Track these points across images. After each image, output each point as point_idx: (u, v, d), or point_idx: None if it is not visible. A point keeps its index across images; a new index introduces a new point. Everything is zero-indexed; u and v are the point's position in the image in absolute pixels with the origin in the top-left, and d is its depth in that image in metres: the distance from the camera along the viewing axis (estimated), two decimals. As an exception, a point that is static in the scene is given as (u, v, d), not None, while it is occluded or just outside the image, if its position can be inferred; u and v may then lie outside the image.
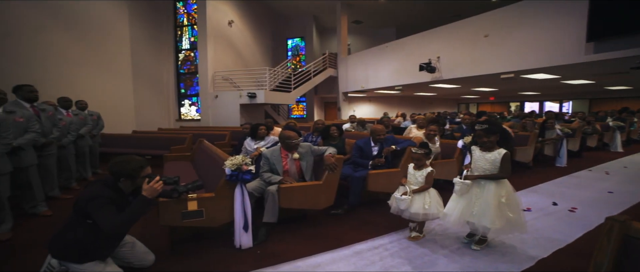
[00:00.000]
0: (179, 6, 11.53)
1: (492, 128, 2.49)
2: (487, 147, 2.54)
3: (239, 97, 9.80)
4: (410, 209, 2.70)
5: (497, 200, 2.45)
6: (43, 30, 7.66)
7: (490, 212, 2.42)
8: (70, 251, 1.99)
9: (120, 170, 2.06)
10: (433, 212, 2.71)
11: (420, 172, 2.81)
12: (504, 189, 2.49)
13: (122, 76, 9.59)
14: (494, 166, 2.48)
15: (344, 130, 5.32)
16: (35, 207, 3.58)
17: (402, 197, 2.71)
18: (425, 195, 2.74)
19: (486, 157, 2.53)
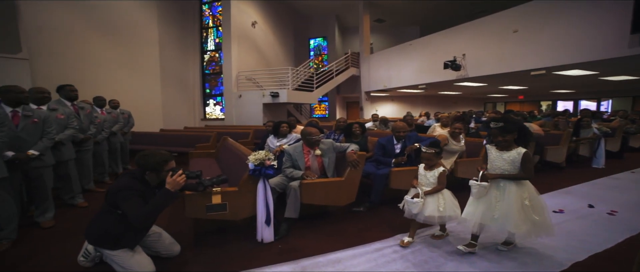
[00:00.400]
0: (205, 9, 11.87)
1: (508, 126, 2.30)
2: (503, 146, 2.36)
3: (262, 97, 9.95)
4: (424, 212, 2.55)
5: (519, 202, 2.28)
6: (81, 34, 8.16)
7: (514, 215, 2.24)
8: (103, 238, 2.11)
9: (145, 163, 2.15)
10: (448, 214, 2.56)
11: (431, 172, 2.66)
12: (526, 191, 2.31)
13: (150, 77, 10.00)
14: (514, 166, 2.30)
15: (367, 129, 5.28)
16: (73, 199, 3.80)
17: (413, 200, 2.55)
18: (438, 196, 2.58)
19: (504, 157, 2.34)
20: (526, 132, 2.36)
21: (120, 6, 9.04)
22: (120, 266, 2.14)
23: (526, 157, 2.27)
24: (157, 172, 2.18)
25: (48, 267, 2.38)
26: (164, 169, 2.17)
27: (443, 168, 2.65)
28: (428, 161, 2.69)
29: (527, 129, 2.39)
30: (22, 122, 2.94)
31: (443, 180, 2.62)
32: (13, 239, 2.75)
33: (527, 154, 2.27)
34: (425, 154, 2.68)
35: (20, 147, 2.89)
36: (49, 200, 3.24)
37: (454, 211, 2.57)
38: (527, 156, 2.27)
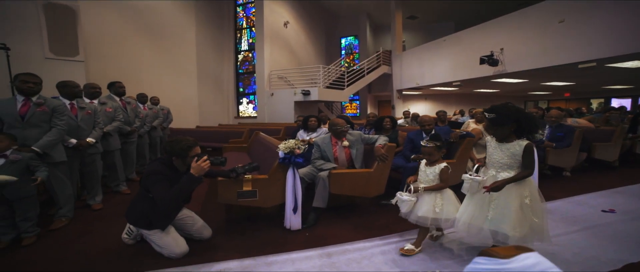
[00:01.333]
0: (239, 10, 12.30)
1: (500, 118, 2.03)
2: (501, 138, 2.11)
3: (294, 95, 10.12)
4: (418, 211, 2.28)
5: (518, 200, 1.99)
6: (128, 38, 8.85)
7: (511, 216, 1.96)
8: (138, 219, 2.32)
9: (171, 149, 2.30)
10: (445, 216, 2.25)
11: (431, 168, 2.39)
12: (527, 188, 2.03)
13: (188, 76, 10.55)
14: (514, 159, 2.04)
15: (398, 125, 5.21)
16: (118, 186, 4.12)
17: (404, 197, 2.27)
18: (436, 196, 2.30)
19: (502, 149, 2.08)
20: (529, 122, 2.02)
21: (162, 10, 9.63)
22: (156, 244, 2.32)
23: (528, 150, 2.00)
24: (183, 158, 2.30)
25: (99, 243, 2.61)
26: (188, 154, 2.29)
27: (445, 164, 2.38)
28: (429, 155, 2.42)
29: (531, 118, 2.04)
30: (79, 113, 3.26)
31: (445, 177, 2.35)
32: (70, 217, 3.06)
33: (529, 147, 2.00)
34: (426, 148, 2.42)
35: (79, 135, 3.22)
36: (99, 185, 3.56)
37: (452, 214, 2.26)
38: (529, 149, 2.00)
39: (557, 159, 4.55)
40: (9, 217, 2.52)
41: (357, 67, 12.68)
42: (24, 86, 2.73)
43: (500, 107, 2.05)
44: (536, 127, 2.04)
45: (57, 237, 2.72)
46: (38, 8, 6.20)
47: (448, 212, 2.26)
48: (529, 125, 2.03)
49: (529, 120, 2.03)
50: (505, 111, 2.03)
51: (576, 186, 4.20)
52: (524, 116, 2.02)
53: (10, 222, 2.54)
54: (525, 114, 2.03)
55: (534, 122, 2.04)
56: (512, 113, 2.02)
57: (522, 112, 2.04)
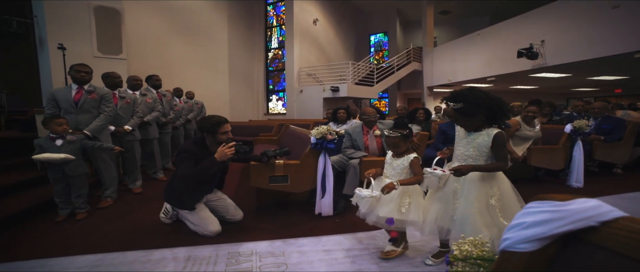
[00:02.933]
0: (269, 9, 12.56)
1: (469, 108, 1.69)
2: (469, 127, 1.79)
3: (322, 92, 10.19)
4: (379, 212, 1.91)
5: (483, 201, 1.69)
6: (165, 37, 9.33)
7: (474, 218, 1.65)
8: (171, 197, 2.47)
9: (202, 125, 2.42)
10: (411, 218, 1.89)
11: (399, 160, 2.05)
12: (495, 186, 1.71)
13: (220, 73, 10.92)
14: (480, 151, 1.72)
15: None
16: (155, 173, 4.37)
17: (363, 194, 1.89)
18: (402, 194, 1.94)
19: (468, 139, 1.77)
20: (501, 107, 1.71)
21: (196, 10, 10.07)
22: (191, 222, 2.47)
23: (498, 140, 1.68)
24: (213, 134, 2.39)
25: (140, 221, 2.80)
26: (218, 130, 2.37)
27: (415, 155, 2.05)
28: (394, 147, 2.07)
29: (502, 103, 1.72)
30: (119, 102, 3.50)
31: (418, 169, 1.98)
32: (114, 198, 3.29)
33: (499, 137, 1.69)
34: (390, 138, 2.06)
35: (118, 123, 3.45)
36: (138, 170, 3.80)
37: (418, 216, 1.89)
38: (499, 139, 1.69)
39: (606, 154, 4.20)
40: (66, 194, 2.77)
41: (386, 64, 12.51)
42: (77, 75, 2.98)
43: (467, 94, 1.70)
44: (508, 112, 1.75)
45: (103, 215, 2.94)
46: (90, 11, 6.70)
47: (415, 213, 1.90)
48: (501, 111, 1.71)
49: (501, 106, 1.71)
50: (474, 99, 1.68)
51: (628, 182, 3.89)
52: (495, 102, 1.70)
53: (67, 199, 2.79)
54: (496, 98, 1.72)
55: (505, 107, 1.73)
56: (482, 100, 1.68)
57: (492, 98, 1.72)
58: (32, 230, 2.57)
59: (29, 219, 2.76)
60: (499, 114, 1.71)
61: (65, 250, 2.19)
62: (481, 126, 1.74)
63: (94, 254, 2.14)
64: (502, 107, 1.71)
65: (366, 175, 1.99)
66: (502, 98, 1.73)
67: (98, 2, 6.85)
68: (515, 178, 1.97)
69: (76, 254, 2.12)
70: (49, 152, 2.56)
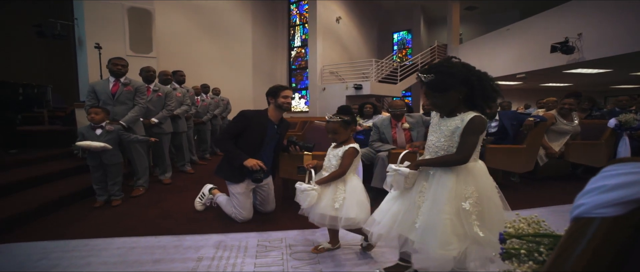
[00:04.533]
0: (293, 8, 12.66)
1: (443, 80, 1.34)
2: (444, 110, 1.44)
3: (345, 89, 10.15)
4: (316, 209, 1.76)
5: (453, 204, 1.33)
6: (193, 36, 9.63)
7: (443, 225, 1.30)
8: (221, 167, 2.55)
9: (268, 91, 2.56)
10: (346, 214, 1.70)
11: (336, 150, 1.85)
12: (472, 185, 1.35)
13: (244, 71, 11.11)
14: (453, 140, 1.38)
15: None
16: (183, 166, 4.49)
17: (302, 187, 1.74)
18: (336, 187, 1.77)
19: (441, 126, 1.43)
20: (484, 84, 1.35)
21: (222, 10, 10.30)
22: (228, 203, 2.55)
23: (471, 126, 1.32)
24: (275, 97, 2.47)
25: (170, 209, 2.89)
26: (280, 94, 2.46)
27: (353, 145, 1.84)
28: (333, 133, 1.84)
29: (487, 79, 1.37)
30: (152, 95, 3.62)
31: (347, 162, 1.78)
32: (146, 188, 3.41)
33: (474, 121, 1.33)
34: (330, 124, 1.84)
35: (147, 115, 3.57)
36: (167, 162, 3.90)
37: (355, 212, 1.70)
38: (473, 124, 1.33)
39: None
40: (103, 181, 2.90)
41: (410, 62, 12.30)
42: (114, 68, 3.12)
43: (441, 65, 1.38)
44: (495, 93, 1.39)
45: (136, 202, 3.05)
46: (124, 11, 7.00)
47: (349, 210, 1.70)
48: (484, 89, 1.35)
49: (485, 82, 1.36)
50: (449, 69, 1.35)
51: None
52: (475, 75, 1.35)
53: (104, 186, 2.92)
54: (478, 72, 1.38)
55: (491, 86, 1.37)
56: (458, 71, 1.35)
57: (473, 70, 1.37)
58: (73, 213, 2.71)
59: (70, 204, 2.91)
60: (479, 91, 1.34)
61: (104, 232, 2.29)
62: (458, 108, 1.39)
63: (130, 237, 2.22)
64: (484, 82, 1.35)
65: (307, 166, 1.87)
66: (533, 96, 1.52)
67: (131, 3, 7.13)
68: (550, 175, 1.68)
69: (114, 237, 2.21)
70: (89, 140, 2.68)
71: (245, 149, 2.38)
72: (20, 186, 2.89)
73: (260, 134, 2.44)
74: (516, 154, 3.23)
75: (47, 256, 1.89)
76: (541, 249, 0.73)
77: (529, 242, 0.76)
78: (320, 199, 1.75)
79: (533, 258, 0.73)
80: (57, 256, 1.89)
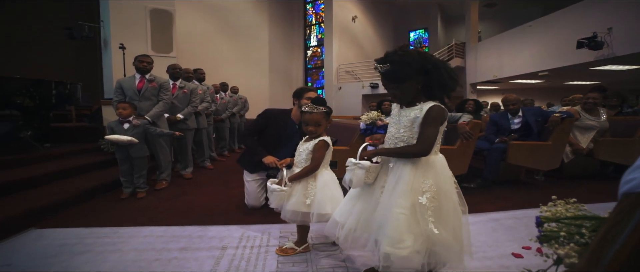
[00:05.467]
0: (309, 8, 12.73)
1: (399, 70, 1.29)
2: (403, 101, 1.39)
3: (361, 88, 10.13)
4: (287, 206, 1.70)
5: (408, 198, 1.25)
6: (211, 37, 9.88)
7: (396, 219, 1.23)
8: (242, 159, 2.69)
9: (294, 92, 2.59)
10: (318, 210, 1.63)
11: (305, 145, 1.76)
12: (430, 179, 1.28)
13: (260, 71, 11.28)
14: (411, 131, 1.33)
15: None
16: (203, 162, 4.58)
17: (272, 187, 1.67)
18: (307, 183, 1.69)
19: (401, 118, 1.37)
20: (442, 72, 1.29)
21: (239, 10, 10.49)
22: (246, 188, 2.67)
23: (429, 115, 1.27)
24: (298, 99, 2.52)
25: (191, 201, 2.96)
26: (303, 96, 2.49)
27: (325, 138, 1.75)
28: (316, 125, 1.73)
29: (445, 67, 1.31)
30: (178, 91, 3.72)
31: (318, 156, 1.70)
32: (169, 181, 3.50)
33: (433, 110, 1.28)
34: (313, 115, 1.71)
35: (172, 111, 3.67)
36: (189, 158, 4.00)
37: (329, 207, 1.62)
38: (432, 114, 1.27)
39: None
40: (130, 174, 3.00)
41: (427, 61, 12.13)
42: (140, 65, 3.23)
43: (395, 53, 1.32)
44: (453, 80, 1.33)
45: (160, 195, 3.14)
46: (146, 13, 7.22)
47: (321, 205, 1.63)
48: (441, 77, 1.29)
49: (442, 71, 1.29)
50: (405, 58, 1.28)
51: None
52: (431, 63, 1.30)
53: (130, 179, 3.02)
54: (436, 61, 1.32)
55: (449, 74, 1.31)
56: (413, 60, 1.28)
57: (431, 59, 1.31)
58: (102, 204, 2.83)
59: (99, 195, 3.04)
60: (436, 80, 1.28)
61: (131, 222, 2.37)
62: (417, 98, 1.33)
63: (157, 226, 2.29)
64: (440, 71, 1.28)
65: (280, 165, 1.79)
66: (555, 96, 1.44)
67: (153, 4, 7.34)
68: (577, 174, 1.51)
69: (142, 226, 2.29)
70: (118, 134, 2.79)
71: (266, 146, 2.45)
72: (54, 177, 3.04)
73: (280, 132, 2.52)
74: (541, 151, 3.14)
75: (82, 242, 1.98)
76: (583, 231, 0.72)
77: (569, 225, 0.75)
78: (291, 195, 1.69)
79: (574, 240, 0.72)
80: (90, 242, 1.98)
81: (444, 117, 1.30)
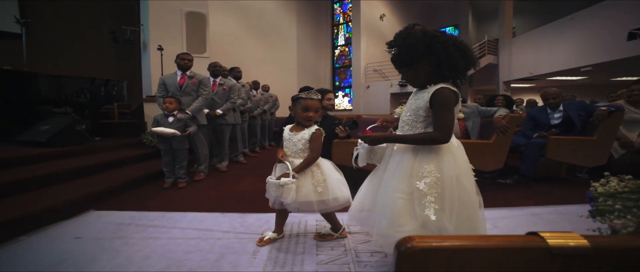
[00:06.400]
0: (336, 7, 12.79)
1: (405, 53, 1.23)
2: (416, 84, 1.33)
3: (390, 87, 10.06)
4: (297, 198, 1.64)
5: (405, 183, 1.24)
6: (241, 38, 10.21)
7: (391, 204, 1.23)
8: None
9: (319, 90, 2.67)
10: (332, 195, 1.65)
11: (299, 135, 1.71)
12: (431, 164, 1.22)
13: (289, 70, 11.48)
14: (417, 115, 1.28)
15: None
16: (237, 157, 4.75)
17: (282, 181, 1.59)
18: (312, 172, 1.69)
19: (412, 100, 1.34)
20: (452, 52, 1.19)
21: (269, 11, 10.76)
22: None
23: (438, 99, 1.20)
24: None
25: (227, 192, 3.10)
26: (324, 97, 2.67)
27: (318, 128, 1.72)
28: (315, 112, 1.71)
29: (446, 45, 1.19)
30: (218, 88, 3.91)
31: (317, 145, 1.68)
32: (206, 173, 3.67)
33: (441, 93, 1.20)
34: (314, 101, 1.70)
35: (212, 107, 3.84)
36: (226, 152, 4.17)
37: (340, 190, 1.67)
38: (440, 97, 1.20)
39: None
40: (172, 165, 3.19)
41: (457, 59, 11.81)
42: (182, 62, 3.42)
43: (399, 36, 1.25)
44: (467, 58, 1.22)
45: (198, 186, 3.30)
46: (182, 16, 7.59)
47: (333, 190, 1.65)
48: (451, 56, 1.19)
49: (452, 49, 1.19)
50: (408, 39, 1.21)
51: None
52: (442, 43, 1.19)
53: (172, 169, 3.21)
54: (445, 39, 1.20)
55: (462, 51, 1.21)
56: (418, 41, 1.19)
57: (438, 37, 1.20)
58: (147, 192, 3.03)
59: (144, 184, 3.25)
60: (445, 61, 1.18)
61: (175, 208, 2.53)
62: (429, 80, 1.27)
63: (199, 212, 2.43)
64: (449, 49, 1.18)
65: (282, 158, 1.71)
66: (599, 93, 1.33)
67: (189, 8, 7.70)
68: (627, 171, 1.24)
69: (185, 211, 2.44)
70: (162, 127, 2.98)
71: None
72: (106, 167, 3.31)
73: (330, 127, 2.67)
74: (585, 146, 3.00)
75: (135, 222, 2.15)
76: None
77: (626, 199, 0.75)
78: (299, 187, 1.63)
79: (632, 213, 0.72)
80: (143, 223, 2.15)
81: (453, 98, 1.22)
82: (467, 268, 0.45)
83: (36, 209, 2.10)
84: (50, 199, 2.29)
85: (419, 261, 0.45)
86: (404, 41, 1.22)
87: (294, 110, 1.70)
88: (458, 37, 1.26)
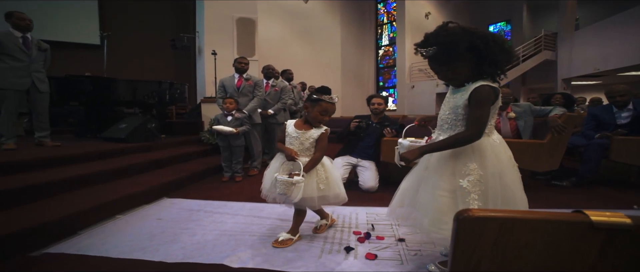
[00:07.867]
0: (380, 7, 12.74)
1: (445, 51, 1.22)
2: (454, 83, 1.32)
3: (435, 87, 9.81)
4: (303, 194, 1.67)
5: (446, 182, 1.26)
6: (287, 41, 10.61)
7: (434, 203, 1.25)
8: None
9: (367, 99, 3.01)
10: (335, 192, 1.77)
11: (308, 134, 1.76)
12: (474, 162, 1.23)
13: (332, 72, 11.67)
14: (456, 114, 1.28)
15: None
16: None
17: (294, 180, 1.60)
18: (316, 170, 1.74)
19: (449, 99, 1.34)
20: (486, 47, 1.17)
21: (313, 14, 11.04)
22: None
23: (475, 97, 1.19)
24: (369, 104, 3.20)
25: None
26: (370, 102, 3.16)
27: (325, 128, 1.79)
28: (324, 113, 1.76)
29: (487, 41, 1.18)
30: (270, 89, 4.19)
31: (324, 145, 1.77)
32: (259, 169, 3.94)
33: (479, 91, 1.19)
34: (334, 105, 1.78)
35: (264, 106, 4.12)
36: (275, 149, 4.43)
37: (338, 187, 1.80)
38: (478, 95, 1.19)
39: None
40: (229, 160, 3.50)
41: (510, 55, 11.15)
42: (239, 65, 3.74)
43: (438, 34, 1.24)
44: (506, 53, 1.21)
45: (252, 181, 3.57)
46: (233, 22, 8.11)
47: (334, 187, 1.77)
48: (491, 52, 1.18)
49: (492, 45, 1.18)
50: (451, 37, 1.20)
51: None
52: (482, 38, 1.18)
53: (229, 164, 3.52)
54: (484, 34, 1.20)
55: (501, 46, 1.19)
56: (460, 38, 1.19)
57: (477, 33, 1.20)
58: (208, 184, 3.37)
59: (205, 177, 3.61)
60: (487, 56, 1.18)
61: (235, 199, 2.80)
62: (469, 78, 1.26)
63: (256, 203, 2.66)
64: (491, 45, 1.18)
65: (295, 157, 1.70)
66: None
67: (239, 14, 8.20)
68: None
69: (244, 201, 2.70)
70: (221, 125, 3.29)
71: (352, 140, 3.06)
72: (173, 161, 3.72)
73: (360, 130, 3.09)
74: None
75: (203, 209, 2.45)
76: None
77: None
78: (305, 185, 1.67)
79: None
80: (209, 210, 2.43)
81: (492, 96, 1.22)
82: (515, 235, 0.55)
83: (126, 193, 2.48)
84: (135, 186, 2.68)
85: (475, 228, 0.56)
86: (445, 39, 1.21)
87: (309, 108, 1.77)
88: (495, 33, 1.29)
